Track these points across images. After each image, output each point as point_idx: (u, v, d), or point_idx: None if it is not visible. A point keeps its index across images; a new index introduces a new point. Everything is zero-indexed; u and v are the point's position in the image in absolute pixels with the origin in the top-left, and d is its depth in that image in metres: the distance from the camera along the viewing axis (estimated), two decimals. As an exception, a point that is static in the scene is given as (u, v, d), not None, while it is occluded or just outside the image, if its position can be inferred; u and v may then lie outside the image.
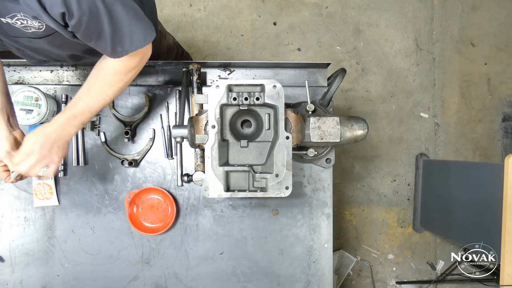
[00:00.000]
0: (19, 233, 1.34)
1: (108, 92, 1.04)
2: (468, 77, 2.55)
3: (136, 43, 0.95)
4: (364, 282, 2.47)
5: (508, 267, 1.46)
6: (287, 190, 1.06)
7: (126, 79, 1.04)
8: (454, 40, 2.54)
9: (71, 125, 1.02)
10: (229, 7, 2.46)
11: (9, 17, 0.88)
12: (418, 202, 2.43)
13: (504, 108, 2.55)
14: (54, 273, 1.34)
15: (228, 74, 1.38)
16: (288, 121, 1.10)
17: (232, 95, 1.05)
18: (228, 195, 1.06)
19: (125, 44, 0.94)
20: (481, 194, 1.78)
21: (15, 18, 0.88)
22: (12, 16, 0.88)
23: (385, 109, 2.50)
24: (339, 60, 2.49)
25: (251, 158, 1.10)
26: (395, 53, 2.51)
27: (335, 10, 2.50)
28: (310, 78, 1.38)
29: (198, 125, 1.10)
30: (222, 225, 1.37)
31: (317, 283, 1.38)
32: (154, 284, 1.36)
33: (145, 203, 1.36)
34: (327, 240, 1.38)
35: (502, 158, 2.50)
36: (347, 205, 2.48)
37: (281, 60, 2.44)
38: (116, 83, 1.04)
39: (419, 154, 2.49)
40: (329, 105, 1.30)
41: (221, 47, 2.45)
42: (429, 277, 2.47)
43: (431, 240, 2.49)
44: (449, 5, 2.55)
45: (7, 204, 1.34)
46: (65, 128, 1.02)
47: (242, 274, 1.38)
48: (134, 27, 0.93)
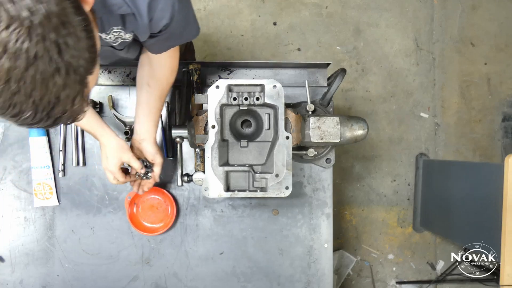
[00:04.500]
0: (19, 233, 1.34)
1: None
2: (468, 77, 2.55)
3: (195, 33, 0.99)
4: (364, 282, 2.47)
5: (508, 267, 1.46)
6: (287, 190, 1.06)
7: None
8: (454, 40, 2.54)
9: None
10: (229, 7, 2.46)
11: (105, 33, 0.88)
12: (418, 202, 2.43)
13: (504, 108, 2.55)
14: (54, 273, 1.34)
15: (228, 74, 1.38)
16: (288, 121, 1.10)
17: (232, 95, 1.05)
18: (228, 195, 1.06)
19: (187, 37, 0.97)
20: (481, 194, 1.78)
21: (112, 31, 0.87)
22: (110, 31, 0.87)
23: (385, 109, 2.50)
24: (339, 60, 2.49)
25: (251, 158, 1.10)
26: (395, 53, 2.51)
27: (335, 10, 2.50)
28: (310, 78, 1.38)
29: (198, 125, 1.10)
30: (222, 225, 1.37)
31: (317, 283, 1.38)
32: (154, 284, 1.36)
33: (145, 203, 1.36)
34: (327, 240, 1.38)
35: (502, 158, 2.49)
36: (347, 205, 2.48)
37: (281, 60, 2.44)
38: (173, 78, 1.11)
39: (419, 154, 2.49)
40: (329, 105, 1.30)
41: (221, 47, 2.45)
42: (429, 277, 2.47)
43: (431, 240, 2.49)
44: (449, 5, 2.55)
45: (7, 204, 1.34)
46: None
47: (242, 274, 1.38)
48: (192, 19, 0.95)
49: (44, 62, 0.52)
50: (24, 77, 0.52)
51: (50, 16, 0.52)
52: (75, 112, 0.60)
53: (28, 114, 0.55)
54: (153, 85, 1.09)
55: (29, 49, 0.51)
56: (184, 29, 0.93)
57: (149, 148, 1.14)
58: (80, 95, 0.59)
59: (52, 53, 0.53)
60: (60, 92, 0.55)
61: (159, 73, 1.09)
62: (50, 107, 0.56)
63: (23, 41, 0.50)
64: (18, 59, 0.51)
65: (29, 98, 0.53)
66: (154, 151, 1.15)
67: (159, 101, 1.12)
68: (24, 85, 0.52)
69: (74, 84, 0.57)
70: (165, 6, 0.81)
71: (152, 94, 1.10)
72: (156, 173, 1.18)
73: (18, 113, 0.55)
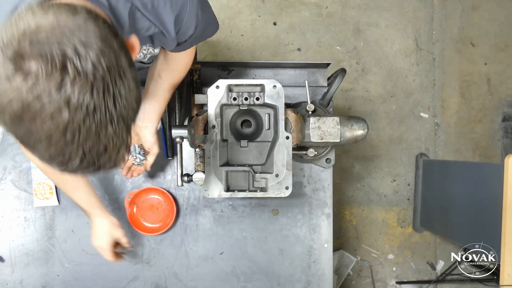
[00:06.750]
0: (19, 233, 1.34)
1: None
2: (468, 77, 2.54)
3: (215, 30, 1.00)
4: (364, 282, 2.47)
5: (508, 267, 1.46)
6: (287, 190, 1.06)
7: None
8: (454, 40, 2.54)
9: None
10: (229, 7, 2.46)
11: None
12: (418, 202, 2.43)
13: (504, 108, 2.55)
14: (54, 273, 1.34)
15: (228, 74, 1.38)
16: (288, 121, 1.10)
17: (232, 95, 1.05)
18: (228, 195, 1.06)
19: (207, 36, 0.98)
20: (481, 194, 1.78)
21: (142, 50, 0.89)
22: (140, 50, 0.88)
23: (385, 109, 2.50)
24: (339, 60, 2.49)
25: (251, 158, 1.10)
26: (395, 53, 2.51)
27: (335, 10, 2.50)
28: (310, 78, 1.38)
29: (198, 125, 1.10)
30: (222, 225, 1.37)
31: (317, 283, 1.38)
32: (154, 284, 1.36)
33: (145, 203, 1.36)
34: (327, 240, 1.38)
35: (502, 158, 2.49)
36: (347, 205, 2.48)
37: (281, 60, 2.44)
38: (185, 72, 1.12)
39: (419, 154, 2.49)
40: (329, 105, 1.30)
41: (221, 47, 2.45)
42: (429, 277, 2.47)
43: (431, 240, 2.49)
44: (449, 5, 2.55)
45: (7, 204, 1.34)
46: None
47: (242, 274, 1.38)
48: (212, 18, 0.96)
49: (101, 114, 0.53)
50: (80, 129, 0.52)
51: (110, 70, 0.53)
52: (118, 161, 0.61)
53: (75, 162, 0.55)
54: (165, 77, 1.09)
55: (90, 103, 0.52)
56: (206, 29, 0.94)
57: (149, 137, 1.16)
58: (125, 144, 0.60)
59: (109, 105, 0.54)
60: (109, 142, 0.56)
61: (173, 66, 1.09)
62: (98, 156, 0.57)
63: (85, 94, 0.51)
64: (77, 112, 0.51)
65: (80, 148, 0.54)
66: (153, 141, 1.17)
67: (167, 92, 1.12)
68: (78, 136, 0.53)
69: (122, 134, 0.58)
70: (190, 18, 0.83)
71: (162, 85, 1.10)
72: (149, 162, 1.20)
73: (66, 161, 0.55)
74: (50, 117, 0.50)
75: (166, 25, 0.81)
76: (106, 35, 0.55)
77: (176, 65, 1.09)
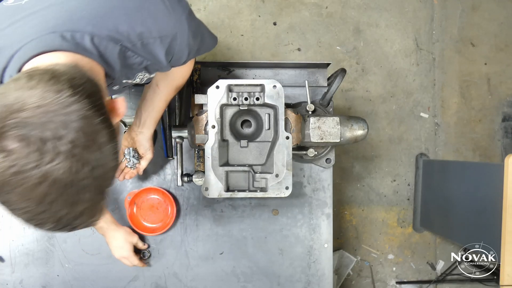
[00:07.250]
0: (19, 233, 1.34)
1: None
2: (468, 77, 2.54)
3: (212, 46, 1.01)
4: (364, 282, 2.47)
5: (508, 267, 1.46)
6: (287, 190, 1.06)
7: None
8: (454, 40, 2.54)
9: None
10: (229, 7, 2.46)
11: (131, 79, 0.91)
12: (418, 202, 2.43)
13: (504, 108, 2.55)
14: (54, 273, 1.34)
15: (228, 74, 1.38)
16: (288, 121, 1.10)
17: (232, 95, 1.05)
18: (228, 195, 1.06)
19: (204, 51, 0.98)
20: (481, 194, 1.78)
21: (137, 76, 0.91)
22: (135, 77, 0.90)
23: (385, 109, 2.50)
24: (339, 60, 2.49)
25: (251, 158, 1.10)
26: (395, 53, 2.51)
27: (335, 10, 2.50)
28: (310, 78, 1.38)
29: (198, 125, 1.10)
30: (222, 225, 1.37)
31: (317, 283, 1.38)
32: (154, 284, 1.36)
33: (145, 203, 1.36)
34: (327, 240, 1.38)
35: (502, 158, 2.49)
36: (347, 205, 2.48)
37: (281, 60, 2.44)
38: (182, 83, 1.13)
39: (419, 154, 2.49)
40: (329, 105, 1.30)
41: (221, 47, 2.45)
42: (429, 277, 2.47)
43: (431, 240, 2.49)
44: (449, 5, 2.55)
45: (7, 204, 1.34)
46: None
47: (242, 274, 1.38)
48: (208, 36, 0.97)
49: (77, 187, 0.55)
50: (55, 200, 0.55)
51: (88, 147, 0.56)
52: (93, 222, 0.63)
53: (48, 227, 0.58)
54: (162, 87, 1.11)
55: (67, 178, 0.54)
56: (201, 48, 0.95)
57: (144, 142, 1.17)
58: (100, 208, 0.62)
59: (86, 178, 0.56)
60: (84, 210, 0.59)
61: (171, 78, 1.10)
62: (72, 221, 0.59)
63: (63, 171, 0.53)
64: (54, 187, 0.54)
65: (54, 215, 0.57)
66: (147, 146, 1.18)
67: (164, 102, 1.14)
68: (53, 206, 0.55)
69: (97, 198, 0.60)
70: (181, 47, 0.84)
71: (159, 95, 1.11)
72: (142, 166, 1.21)
73: (39, 225, 0.58)
74: (28, 189, 0.53)
75: (158, 58, 0.82)
76: (86, 113, 0.56)
77: (173, 76, 1.10)
